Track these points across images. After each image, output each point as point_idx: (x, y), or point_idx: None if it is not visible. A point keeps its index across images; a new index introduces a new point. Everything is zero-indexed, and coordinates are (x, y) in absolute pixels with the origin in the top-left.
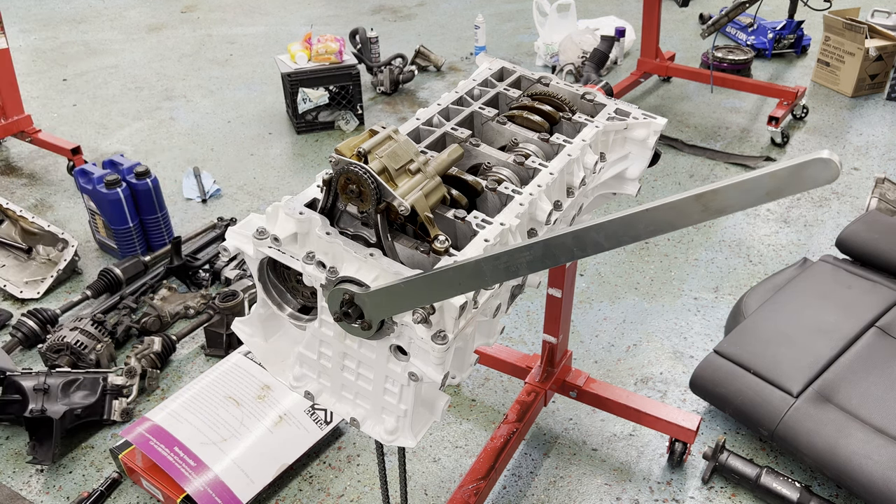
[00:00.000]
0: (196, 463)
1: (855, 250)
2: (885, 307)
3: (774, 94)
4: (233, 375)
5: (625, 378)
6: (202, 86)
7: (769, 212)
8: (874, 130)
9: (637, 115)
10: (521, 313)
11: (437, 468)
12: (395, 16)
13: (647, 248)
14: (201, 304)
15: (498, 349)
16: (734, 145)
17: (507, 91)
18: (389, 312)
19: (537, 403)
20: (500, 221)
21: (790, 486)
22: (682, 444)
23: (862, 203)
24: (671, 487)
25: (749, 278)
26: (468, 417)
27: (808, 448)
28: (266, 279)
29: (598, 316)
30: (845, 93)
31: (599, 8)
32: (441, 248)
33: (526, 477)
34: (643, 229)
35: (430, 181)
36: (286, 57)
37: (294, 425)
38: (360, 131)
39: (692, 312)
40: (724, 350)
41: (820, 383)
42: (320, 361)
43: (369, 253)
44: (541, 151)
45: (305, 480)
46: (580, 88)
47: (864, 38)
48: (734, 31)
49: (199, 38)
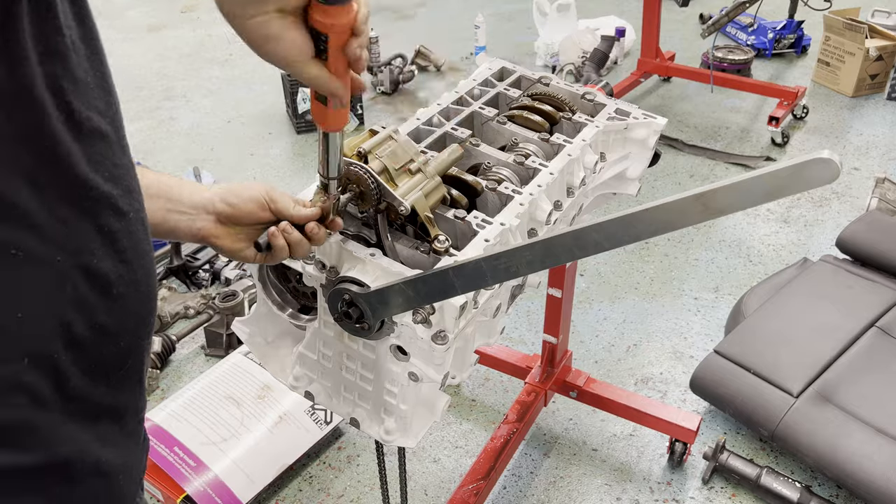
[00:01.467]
0: (196, 463)
1: (855, 250)
2: (886, 307)
3: (774, 94)
4: (233, 375)
5: (625, 378)
6: (202, 85)
7: (769, 212)
8: (874, 130)
9: (637, 115)
10: (521, 313)
11: (437, 468)
12: (395, 16)
13: (647, 248)
14: (201, 304)
15: (498, 349)
16: (734, 145)
17: (508, 91)
18: (389, 313)
19: (537, 403)
20: (500, 221)
21: (790, 487)
22: (682, 444)
23: (862, 203)
24: (671, 487)
25: (749, 278)
26: (468, 417)
27: (808, 448)
28: (266, 279)
29: (598, 316)
30: (845, 93)
31: (599, 8)
32: (441, 249)
33: (526, 477)
34: (643, 229)
35: (430, 181)
36: None
37: (294, 425)
38: (360, 131)
39: (692, 312)
40: (724, 350)
41: (820, 383)
42: (320, 362)
43: (369, 253)
44: (541, 151)
45: (305, 480)
46: (580, 88)
47: (864, 38)
48: (734, 31)
49: (199, 37)
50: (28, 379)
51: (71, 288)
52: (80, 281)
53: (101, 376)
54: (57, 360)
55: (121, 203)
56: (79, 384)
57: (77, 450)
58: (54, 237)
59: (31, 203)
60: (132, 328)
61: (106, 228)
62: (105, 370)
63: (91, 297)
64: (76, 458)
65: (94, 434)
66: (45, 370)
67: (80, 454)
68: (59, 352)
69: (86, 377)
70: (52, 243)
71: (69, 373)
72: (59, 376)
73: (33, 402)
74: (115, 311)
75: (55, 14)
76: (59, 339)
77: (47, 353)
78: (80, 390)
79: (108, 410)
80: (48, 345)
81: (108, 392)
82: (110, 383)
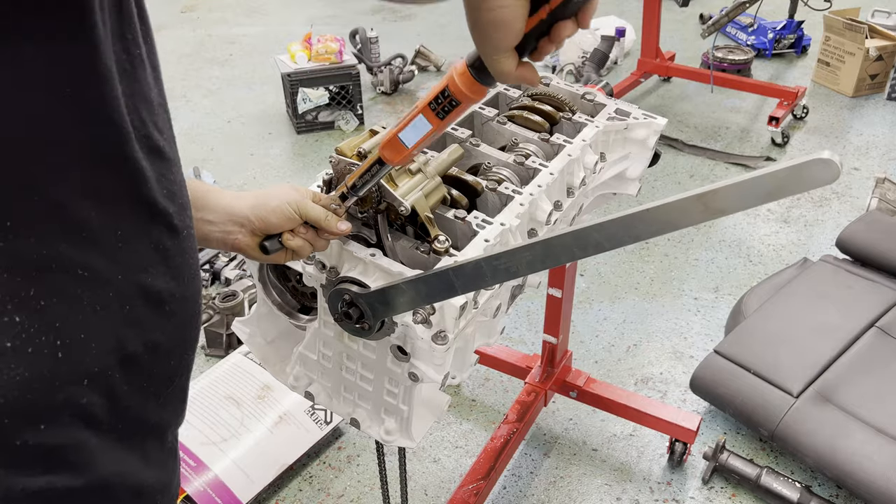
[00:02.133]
0: (196, 463)
1: (855, 250)
2: (886, 307)
3: (774, 94)
4: (232, 376)
5: (625, 378)
6: (202, 86)
7: (769, 212)
8: (874, 130)
9: (637, 115)
10: (521, 313)
11: (437, 468)
12: (395, 16)
13: (647, 248)
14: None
15: (498, 349)
16: (734, 145)
17: (507, 91)
18: (390, 313)
19: (537, 403)
20: (500, 221)
21: (790, 487)
22: (682, 444)
23: (862, 203)
24: (671, 487)
25: (749, 278)
26: (468, 417)
27: (808, 448)
28: (266, 280)
29: (598, 316)
30: (845, 93)
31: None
32: (441, 249)
33: (526, 477)
34: (644, 229)
35: (430, 181)
36: (286, 57)
37: (294, 425)
38: (360, 131)
39: (692, 312)
40: (724, 350)
41: (820, 383)
42: (320, 362)
43: (370, 253)
44: (541, 151)
45: (305, 480)
46: (580, 88)
47: (864, 38)
48: (734, 31)
49: (199, 38)
50: (86, 400)
51: (128, 307)
52: (136, 299)
53: (151, 395)
54: (112, 380)
55: (176, 220)
56: (131, 404)
57: (119, 471)
58: (116, 256)
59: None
60: (182, 345)
61: (161, 246)
62: (156, 388)
63: (145, 315)
64: (117, 481)
65: (139, 454)
66: (101, 391)
67: (122, 477)
68: (115, 371)
69: (137, 396)
70: (114, 262)
71: (122, 392)
72: (113, 396)
73: (88, 423)
74: (168, 328)
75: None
76: (116, 358)
77: (105, 373)
78: (132, 410)
79: (155, 428)
80: (106, 365)
81: (157, 409)
82: (159, 401)
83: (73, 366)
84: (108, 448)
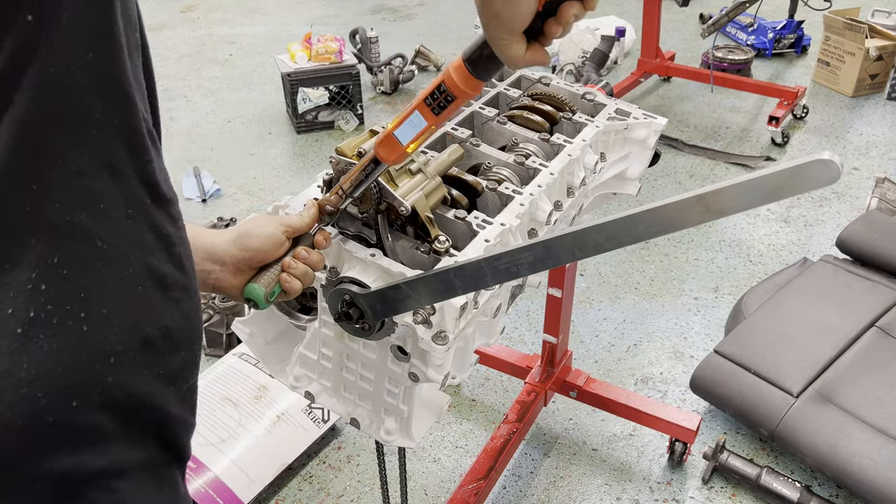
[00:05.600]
0: (196, 464)
1: (855, 250)
2: (886, 307)
3: (774, 93)
4: (228, 377)
5: (625, 378)
6: (202, 86)
7: (769, 212)
8: (874, 130)
9: (637, 114)
10: (521, 313)
11: (437, 468)
12: (395, 16)
13: (647, 248)
14: (201, 304)
15: (498, 349)
16: (734, 145)
17: (507, 91)
18: (390, 313)
19: (537, 403)
20: (500, 222)
21: (790, 486)
22: (682, 444)
23: (862, 203)
24: (671, 487)
25: (749, 278)
26: (468, 417)
27: (808, 448)
28: None
29: (598, 316)
30: (845, 93)
31: (599, 8)
32: (441, 249)
33: (526, 477)
34: (644, 230)
35: (430, 181)
36: (286, 57)
37: (292, 424)
38: (360, 131)
39: (692, 312)
40: (724, 350)
41: (820, 383)
42: (320, 362)
43: (370, 253)
44: (541, 151)
45: (305, 480)
46: (580, 88)
47: (864, 38)
48: (734, 30)
49: (199, 37)
50: (111, 380)
51: (140, 287)
52: (146, 280)
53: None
54: (134, 361)
55: (172, 210)
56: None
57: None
58: (127, 234)
59: (112, 197)
60: (189, 336)
61: (164, 231)
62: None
63: (155, 299)
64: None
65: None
66: (126, 371)
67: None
68: (136, 353)
69: (159, 382)
70: (126, 240)
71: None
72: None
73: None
74: (176, 315)
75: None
76: (136, 340)
77: (127, 353)
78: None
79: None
80: (128, 345)
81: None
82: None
83: (99, 342)
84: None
